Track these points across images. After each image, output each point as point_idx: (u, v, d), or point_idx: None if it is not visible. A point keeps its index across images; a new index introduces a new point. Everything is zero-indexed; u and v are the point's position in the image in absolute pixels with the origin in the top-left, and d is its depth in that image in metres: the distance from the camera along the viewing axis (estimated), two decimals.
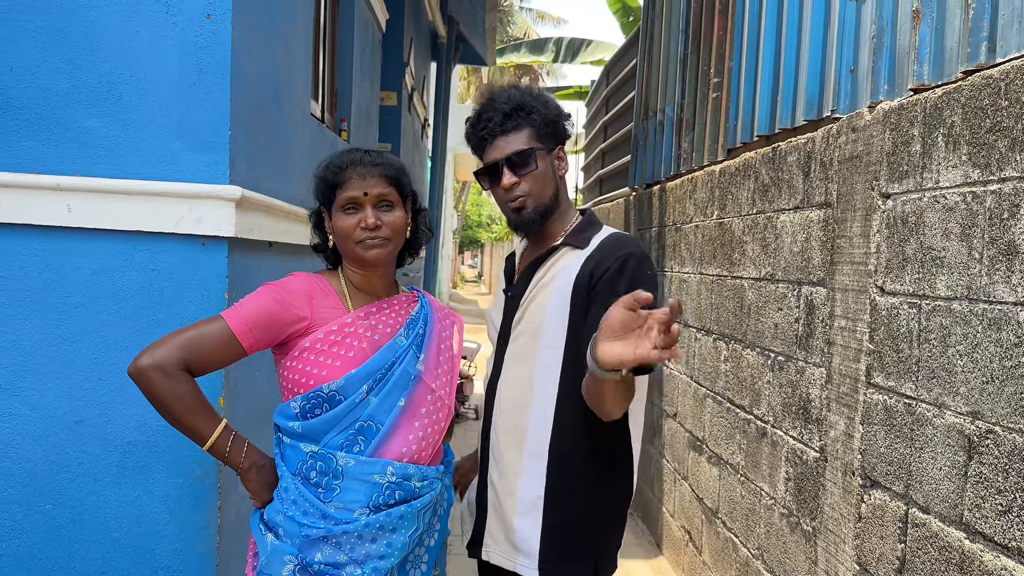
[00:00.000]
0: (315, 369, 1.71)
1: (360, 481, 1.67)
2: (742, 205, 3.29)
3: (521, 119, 1.83)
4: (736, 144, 3.52)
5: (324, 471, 1.68)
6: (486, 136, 1.86)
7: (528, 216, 1.84)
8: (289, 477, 1.70)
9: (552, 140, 1.87)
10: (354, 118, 4.33)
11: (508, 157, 1.82)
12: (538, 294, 1.85)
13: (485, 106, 1.88)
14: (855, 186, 2.37)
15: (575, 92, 10.85)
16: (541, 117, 1.84)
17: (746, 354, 3.17)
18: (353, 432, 1.69)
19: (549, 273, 1.85)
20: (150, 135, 2.23)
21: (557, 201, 1.87)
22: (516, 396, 1.85)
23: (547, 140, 1.86)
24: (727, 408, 3.36)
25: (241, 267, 2.39)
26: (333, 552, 1.65)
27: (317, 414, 1.71)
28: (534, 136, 1.84)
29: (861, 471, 2.25)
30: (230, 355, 1.73)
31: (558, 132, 1.88)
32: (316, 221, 1.87)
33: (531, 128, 1.84)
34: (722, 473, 3.39)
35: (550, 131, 1.86)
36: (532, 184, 1.82)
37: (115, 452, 2.26)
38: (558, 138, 1.89)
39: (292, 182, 2.94)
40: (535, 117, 1.84)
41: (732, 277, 3.35)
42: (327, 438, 1.70)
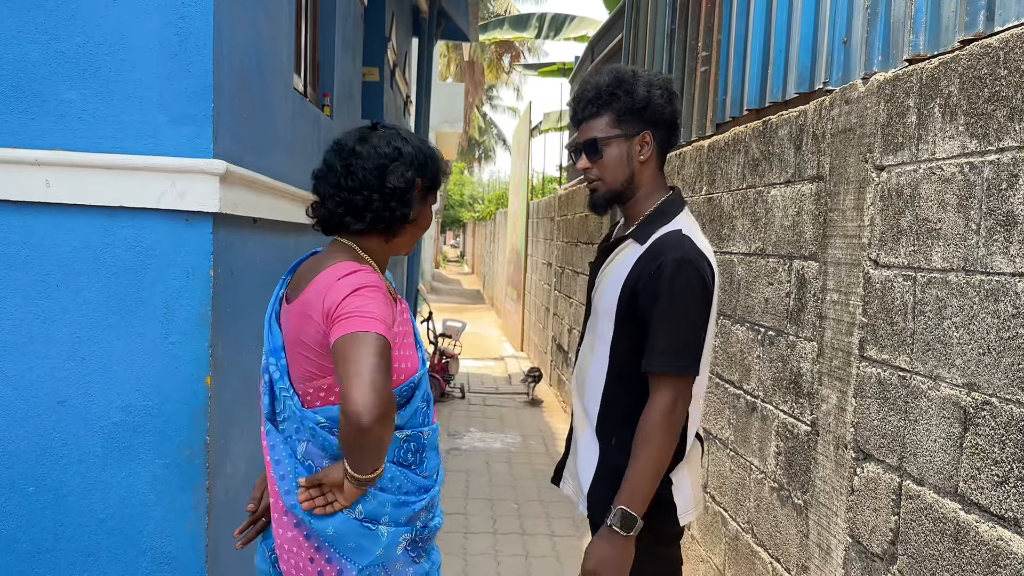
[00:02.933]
0: (403, 363, 1.71)
1: (433, 447, 1.79)
2: (732, 180, 3.26)
3: (600, 106, 1.90)
4: (725, 119, 3.49)
5: (417, 449, 1.75)
6: (573, 120, 2.00)
7: (597, 199, 1.98)
8: (389, 467, 1.68)
9: (635, 126, 1.90)
10: (337, 93, 4.26)
11: (582, 143, 1.94)
12: (602, 280, 1.96)
13: (578, 89, 1.99)
14: (848, 159, 2.35)
15: (558, 69, 10.77)
16: (623, 104, 1.88)
17: (736, 329, 3.16)
18: (424, 406, 1.77)
19: (613, 263, 1.94)
20: (131, 108, 2.17)
21: (633, 186, 1.93)
22: (582, 364, 2.03)
23: (629, 126, 1.89)
24: (716, 383, 3.36)
25: (226, 244, 2.34)
26: (427, 514, 1.75)
27: (408, 402, 1.72)
28: (613, 122, 1.90)
29: (854, 444, 2.25)
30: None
31: (645, 117, 1.90)
32: (403, 190, 1.70)
33: (611, 115, 1.89)
34: (711, 448, 3.40)
35: (635, 117, 1.89)
36: (601, 170, 1.92)
37: (99, 433, 2.22)
38: (645, 123, 1.90)
39: (276, 157, 2.88)
40: (616, 105, 1.88)
41: (721, 252, 3.34)
42: (412, 420, 1.73)
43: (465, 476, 5.26)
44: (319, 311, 1.59)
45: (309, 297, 1.63)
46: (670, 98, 1.92)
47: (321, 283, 1.63)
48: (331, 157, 1.78)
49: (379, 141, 1.73)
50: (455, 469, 5.39)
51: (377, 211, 1.70)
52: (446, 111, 20.29)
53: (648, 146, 1.92)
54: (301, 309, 1.65)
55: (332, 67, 4.17)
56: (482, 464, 5.58)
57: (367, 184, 1.70)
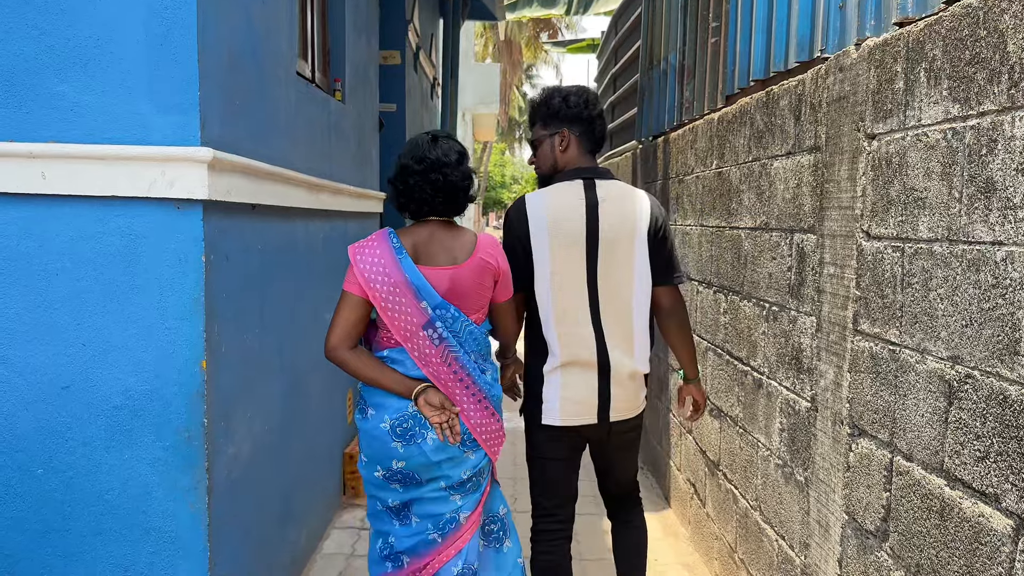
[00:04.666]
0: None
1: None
2: (739, 153, 3.20)
3: (533, 117, 2.71)
4: (734, 91, 3.42)
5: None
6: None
7: (539, 179, 2.74)
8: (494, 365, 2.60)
9: (555, 126, 2.64)
10: (349, 78, 4.28)
11: (529, 142, 2.77)
12: None
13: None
14: (842, 128, 2.29)
15: (588, 45, 10.65)
16: (544, 113, 2.66)
17: (743, 305, 3.12)
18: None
19: None
20: (120, 98, 2.21)
21: (557, 169, 2.64)
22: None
23: (551, 127, 2.65)
24: (726, 360, 3.32)
25: (220, 230, 2.38)
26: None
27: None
28: (541, 127, 2.68)
29: (849, 420, 2.21)
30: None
31: (561, 119, 2.62)
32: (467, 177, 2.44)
33: (540, 122, 2.68)
34: (723, 426, 3.36)
35: (553, 120, 2.64)
36: (538, 160, 2.71)
37: (102, 416, 2.29)
38: (562, 122, 2.62)
39: (276, 143, 2.91)
40: (541, 113, 2.67)
41: (730, 228, 3.29)
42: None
43: None
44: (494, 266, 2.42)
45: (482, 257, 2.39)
46: (585, 101, 2.61)
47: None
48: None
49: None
50: None
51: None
52: (482, 91, 20.23)
53: (566, 139, 2.61)
54: (478, 266, 2.38)
55: (343, 52, 4.19)
56: (508, 445, 5.61)
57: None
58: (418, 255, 2.33)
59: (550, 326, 2.52)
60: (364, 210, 4.62)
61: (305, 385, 3.40)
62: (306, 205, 3.30)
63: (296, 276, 3.24)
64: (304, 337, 3.37)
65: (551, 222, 2.49)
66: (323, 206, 3.63)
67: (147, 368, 2.28)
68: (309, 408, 3.46)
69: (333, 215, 3.86)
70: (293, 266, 3.19)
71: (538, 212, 2.51)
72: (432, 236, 2.37)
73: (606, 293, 2.51)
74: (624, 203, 2.54)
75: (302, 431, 3.37)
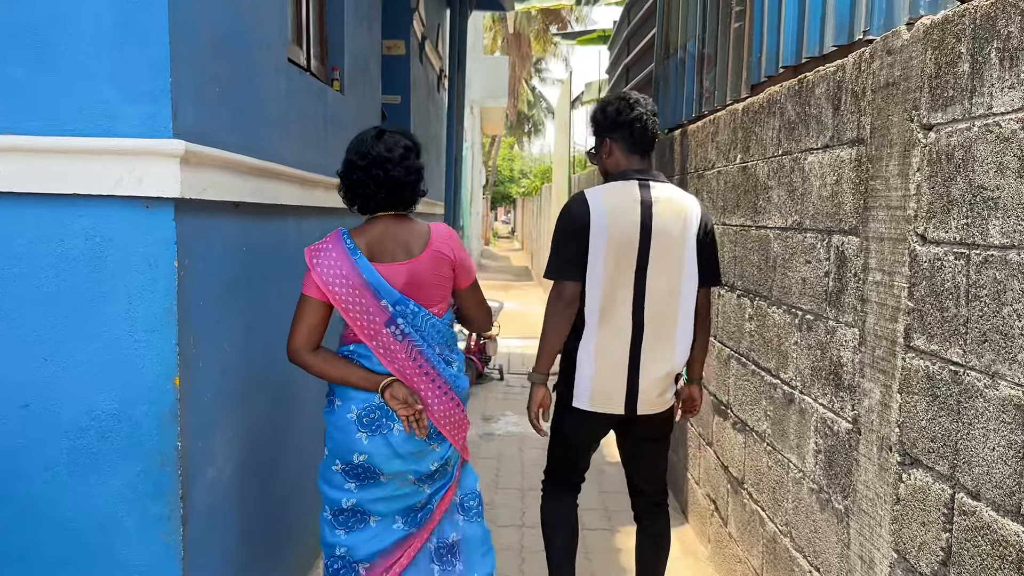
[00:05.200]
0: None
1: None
2: (767, 146, 2.95)
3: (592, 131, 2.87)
4: (761, 79, 3.17)
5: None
6: None
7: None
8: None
9: (600, 137, 2.79)
10: (348, 67, 4.04)
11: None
12: None
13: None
14: (891, 118, 2.04)
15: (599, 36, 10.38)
16: (593, 128, 2.82)
17: (772, 312, 2.87)
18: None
19: None
20: (82, 84, 1.98)
21: (606, 174, 2.78)
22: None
23: (598, 139, 2.81)
24: (752, 371, 3.07)
25: (196, 231, 2.15)
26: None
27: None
28: (595, 139, 2.84)
29: (899, 447, 1.96)
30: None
31: (602, 130, 2.77)
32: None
33: (594, 134, 2.84)
34: (747, 441, 3.12)
35: (598, 132, 2.79)
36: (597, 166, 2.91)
37: (65, 438, 2.06)
38: (603, 133, 2.77)
39: (264, 135, 2.68)
40: (593, 128, 2.83)
41: (757, 227, 3.04)
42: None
43: (496, 463, 5.07)
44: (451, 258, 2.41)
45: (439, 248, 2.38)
46: (618, 109, 2.70)
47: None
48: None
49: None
50: (486, 456, 5.20)
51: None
52: (491, 85, 19.96)
53: (608, 147, 2.75)
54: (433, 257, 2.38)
55: (341, 39, 3.95)
56: (515, 450, 5.38)
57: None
58: (373, 253, 2.33)
59: (593, 316, 2.60)
60: None
61: (297, 395, 3.17)
62: (299, 202, 3.07)
63: (287, 278, 3.01)
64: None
65: (609, 216, 2.57)
66: (319, 203, 3.40)
67: (114, 385, 2.05)
68: (302, 419, 3.23)
69: (329, 212, 3.63)
70: (284, 268, 2.96)
71: (598, 206, 2.60)
72: (385, 232, 2.37)
73: (653, 291, 2.59)
74: (676, 204, 2.63)
75: (294, 445, 3.14)
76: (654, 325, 2.60)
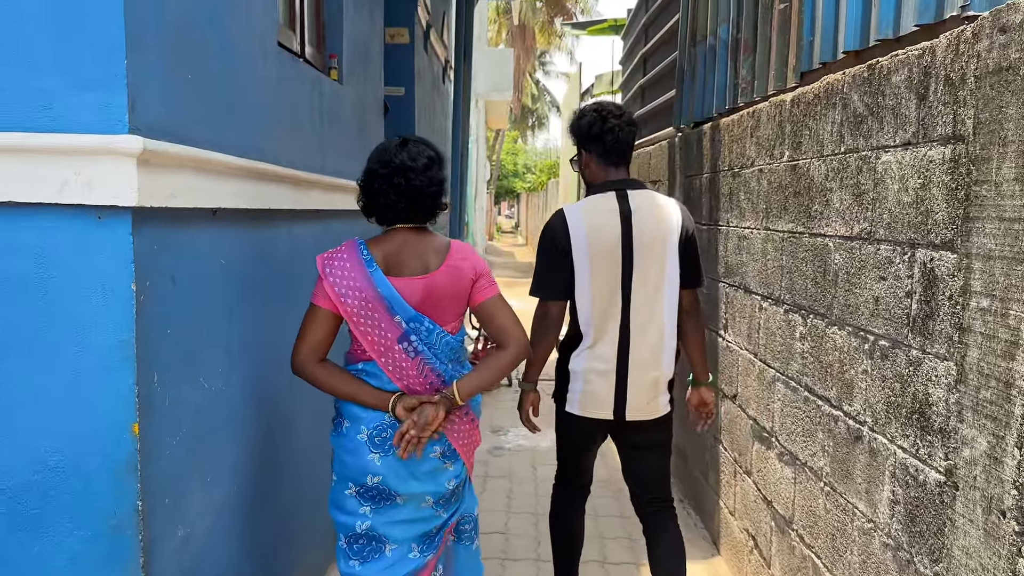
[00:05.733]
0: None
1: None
2: (824, 143, 2.58)
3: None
4: (813, 66, 2.80)
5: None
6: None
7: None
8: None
9: (579, 148, 2.82)
10: (348, 55, 3.68)
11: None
12: None
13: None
14: (1006, 111, 1.67)
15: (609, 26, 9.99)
16: (572, 138, 2.84)
17: (832, 333, 2.50)
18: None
19: None
20: (17, 71, 1.62)
21: (587, 184, 2.81)
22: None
23: (578, 150, 2.83)
24: (804, 397, 2.71)
25: (161, 246, 1.79)
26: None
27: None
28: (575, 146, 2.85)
29: (1017, 513, 1.60)
30: None
31: (578, 140, 2.79)
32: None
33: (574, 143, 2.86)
34: (799, 476, 2.76)
35: (577, 143, 2.82)
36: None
37: (1, 497, 1.70)
38: (580, 144, 2.79)
39: (247, 129, 2.32)
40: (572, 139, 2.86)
41: (811, 234, 2.67)
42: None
43: (508, 483, 4.71)
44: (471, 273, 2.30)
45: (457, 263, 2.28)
46: (591, 121, 2.72)
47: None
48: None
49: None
50: (496, 475, 4.85)
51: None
52: (495, 78, 19.57)
53: (584, 159, 2.79)
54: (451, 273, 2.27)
55: (340, 24, 3.58)
56: (527, 468, 5.02)
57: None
58: (389, 265, 2.23)
59: (588, 328, 2.65)
60: None
61: (290, 424, 2.81)
62: (291, 206, 2.71)
63: (278, 292, 2.65)
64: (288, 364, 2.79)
65: (589, 231, 2.61)
66: (315, 205, 3.04)
67: (61, 434, 1.69)
68: (295, 452, 2.88)
69: (326, 215, 3.27)
70: (273, 280, 2.60)
71: (577, 222, 2.63)
72: (404, 244, 2.27)
73: (638, 298, 2.62)
74: (656, 212, 2.65)
75: (286, 480, 2.78)
76: (640, 332, 2.64)
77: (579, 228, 2.60)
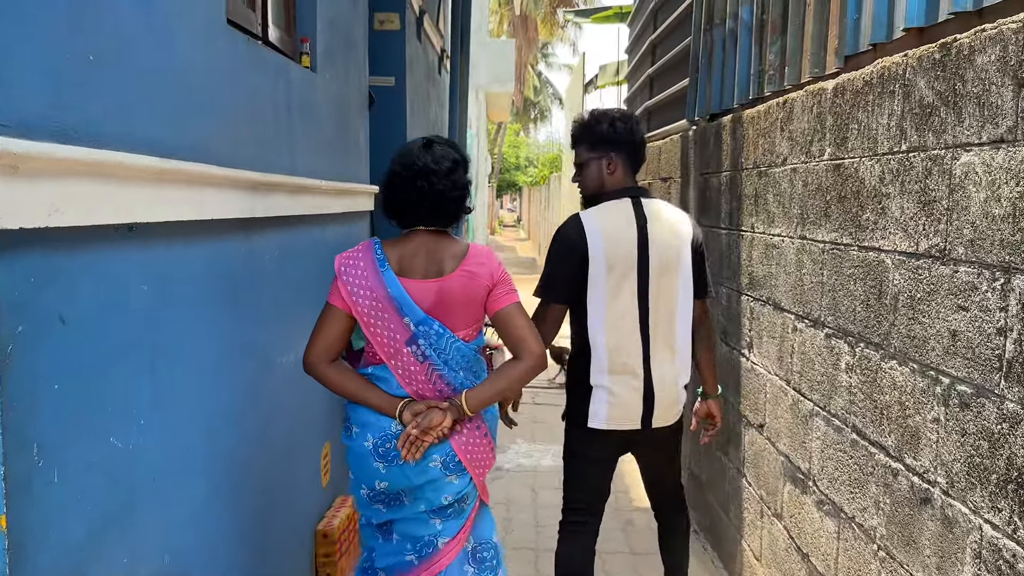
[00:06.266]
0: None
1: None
2: (879, 138, 2.16)
3: (579, 140, 2.76)
4: (862, 48, 2.38)
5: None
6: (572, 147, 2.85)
7: (584, 198, 2.80)
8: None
9: (603, 150, 2.70)
10: (325, 39, 3.26)
11: (574, 164, 2.82)
12: None
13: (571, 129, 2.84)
14: None
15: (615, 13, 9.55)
16: (593, 137, 2.71)
17: (889, 368, 2.08)
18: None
19: None
20: None
21: (604, 189, 2.71)
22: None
23: (599, 151, 2.71)
24: (852, 441, 2.29)
25: (41, 278, 1.37)
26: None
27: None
28: (589, 149, 2.73)
29: None
30: None
31: (610, 143, 2.69)
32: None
33: (587, 144, 2.73)
34: (843, 532, 2.35)
35: (603, 144, 2.70)
36: (584, 181, 2.76)
37: None
38: (610, 147, 2.69)
39: (181, 124, 1.90)
40: (589, 138, 2.72)
41: (860, 247, 2.25)
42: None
43: (505, 511, 4.30)
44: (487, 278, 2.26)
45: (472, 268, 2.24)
46: (631, 128, 2.70)
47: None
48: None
49: None
50: (495, 501, 4.44)
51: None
52: (497, 69, 19.13)
53: (614, 164, 2.69)
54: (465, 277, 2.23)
55: (314, 4, 3.16)
56: (527, 491, 4.61)
57: None
58: (403, 267, 2.22)
59: (600, 335, 2.60)
60: (347, 210, 3.61)
61: (257, 458, 2.41)
62: (246, 213, 2.30)
63: (228, 316, 2.25)
64: (256, 393, 2.38)
65: (606, 238, 2.57)
66: (282, 211, 2.63)
67: None
68: (269, 479, 2.47)
69: (295, 221, 2.85)
70: (224, 308, 2.19)
71: (594, 228, 2.59)
72: (420, 247, 2.25)
73: (655, 305, 2.61)
74: (670, 221, 2.67)
75: (254, 520, 2.38)
76: (659, 340, 2.63)
77: (596, 234, 2.57)
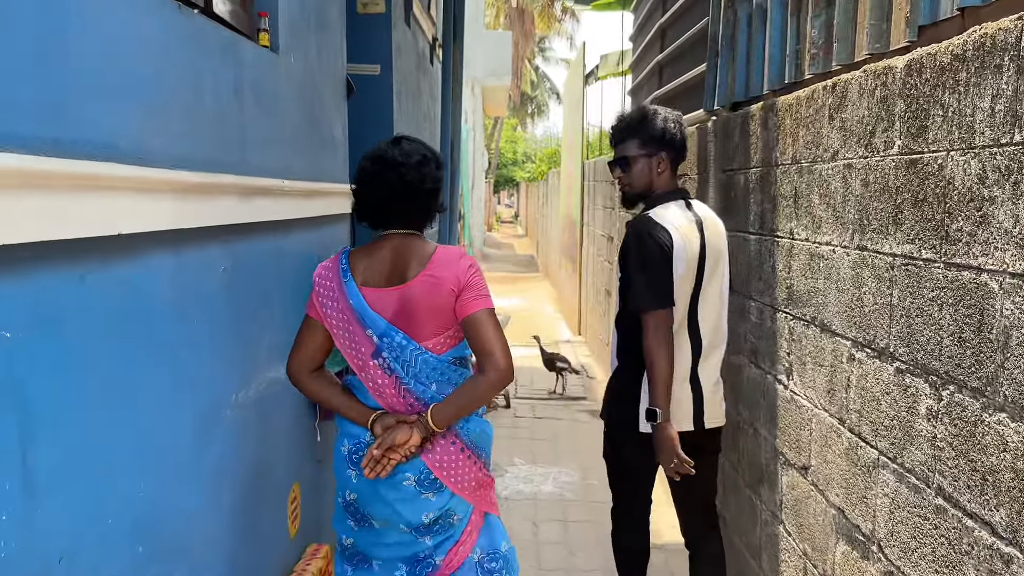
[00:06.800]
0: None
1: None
2: (975, 127, 1.70)
3: (629, 134, 2.78)
4: (944, 14, 1.92)
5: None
6: (611, 142, 2.87)
7: (627, 197, 2.85)
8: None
9: (654, 148, 2.74)
10: (288, 15, 2.79)
11: (618, 159, 2.81)
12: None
13: (613, 122, 2.87)
14: None
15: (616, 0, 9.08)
16: (646, 133, 2.74)
17: (995, 423, 1.63)
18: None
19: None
20: None
21: (651, 190, 2.76)
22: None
23: (650, 148, 2.74)
24: (937, 507, 1.83)
25: None
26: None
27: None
28: (639, 146, 2.75)
29: None
30: None
31: (662, 143, 2.73)
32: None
33: (638, 140, 2.76)
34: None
35: (655, 143, 2.74)
36: (630, 179, 2.78)
37: None
38: (662, 146, 2.73)
39: (78, 115, 1.43)
40: (642, 133, 2.75)
41: (948, 265, 1.79)
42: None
43: None
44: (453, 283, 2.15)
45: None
46: (681, 128, 2.76)
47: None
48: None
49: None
50: None
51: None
52: (493, 62, 18.67)
53: (664, 163, 2.75)
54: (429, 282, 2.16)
55: None
56: (527, 525, 4.16)
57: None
58: (367, 276, 2.18)
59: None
60: (321, 213, 3.14)
61: (203, 515, 1.94)
62: (175, 224, 1.83)
63: (149, 349, 1.78)
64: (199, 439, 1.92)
65: (682, 239, 2.59)
66: (227, 219, 2.17)
67: None
68: (222, 538, 2.01)
69: (246, 230, 2.38)
70: (134, 336, 1.73)
71: (673, 229, 2.59)
72: (388, 252, 2.21)
73: (704, 306, 2.65)
74: (715, 223, 2.73)
75: None
76: (708, 340, 2.67)
77: (677, 235, 2.59)
